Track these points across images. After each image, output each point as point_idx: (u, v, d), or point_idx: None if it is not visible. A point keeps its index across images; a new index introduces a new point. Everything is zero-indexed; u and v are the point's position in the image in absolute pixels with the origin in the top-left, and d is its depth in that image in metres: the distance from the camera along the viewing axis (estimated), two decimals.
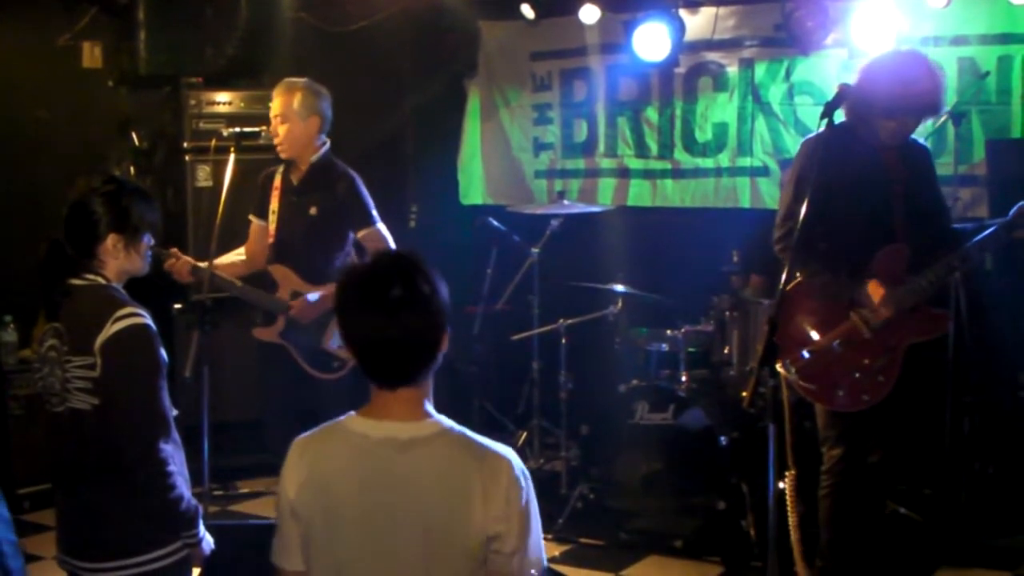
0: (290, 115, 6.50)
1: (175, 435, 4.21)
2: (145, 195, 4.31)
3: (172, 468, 4.08)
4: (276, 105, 6.55)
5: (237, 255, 6.77)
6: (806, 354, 5.48)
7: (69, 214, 4.18)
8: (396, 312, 2.96)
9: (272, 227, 6.64)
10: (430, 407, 3.12)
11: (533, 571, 3.03)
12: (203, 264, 6.25)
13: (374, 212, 6.57)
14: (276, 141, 6.54)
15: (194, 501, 4.20)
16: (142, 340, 4.07)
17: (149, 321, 4.11)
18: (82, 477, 4.15)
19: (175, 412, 4.23)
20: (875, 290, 5.46)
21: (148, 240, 4.29)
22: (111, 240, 4.15)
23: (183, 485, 4.15)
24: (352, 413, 3.13)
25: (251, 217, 6.78)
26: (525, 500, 3.01)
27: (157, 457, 4.03)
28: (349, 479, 3.04)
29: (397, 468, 3.01)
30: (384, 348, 3.01)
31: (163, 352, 4.15)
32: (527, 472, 3.06)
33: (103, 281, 4.16)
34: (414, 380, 3.07)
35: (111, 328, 4.01)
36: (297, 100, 6.51)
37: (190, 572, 4.29)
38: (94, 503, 4.12)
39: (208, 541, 4.26)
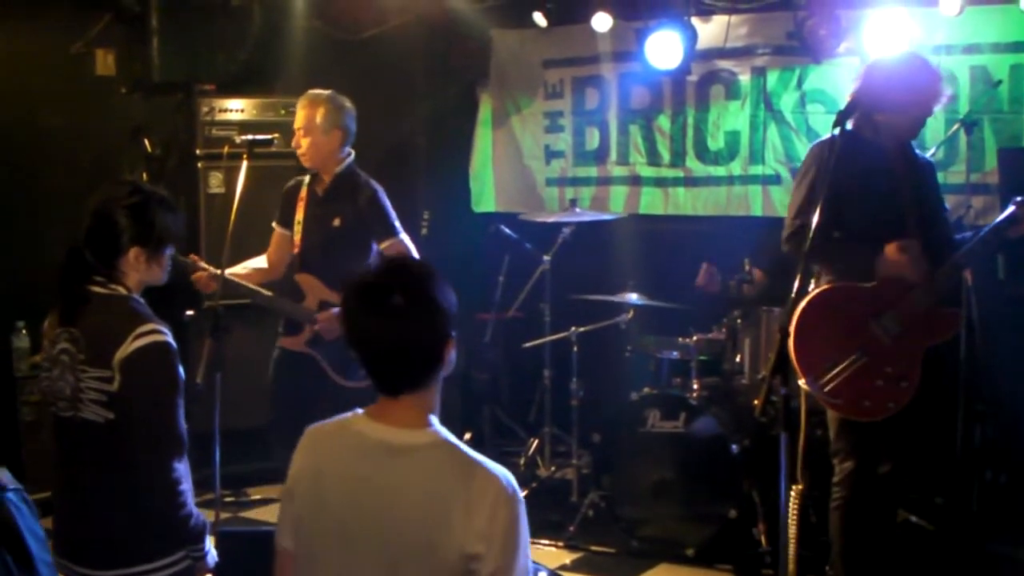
0: (313, 128, 6.51)
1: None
2: (170, 206, 4.27)
3: (184, 487, 4.07)
4: (299, 118, 6.56)
5: (257, 263, 6.78)
6: (830, 368, 5.49)
7: (92, 224, 4.14)
8: (395, 319, 2.99)
9: (297, 237, 6.66)
10: (433, 418, 3.12)
11: None
12: (218, 271, 6.25)
13: (396, 224, 6.57)
14: (299, 153, 6.56)
15: (202, 517, 4.17)
16: (163, 358, 4.04)
17: (170, 339, 4.08)
18: (90, 487, 4.13)
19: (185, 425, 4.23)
20: (895, 254, 5.47)
21: (170, 251, 4.26)
22: (133, 253, 4.12)
23: (193, 503, 4.14)
24: (359, 411, 3.18)
25: (274, 225, 6.81)
26: (512, 523, 2.96)
27: (170, 477, 4.01)
28: (339, 475, 3.09)
29: (384, 472, 3.03)
30: (384, 354, 3.06)
31: (181, 370, 4.12)
32: (520, 495, 3.02)
33: (124, 292, 4.13)
34: (414, 386, 3.09)
35: (132, 344, 3.97)
36: (320, 114, 6.52)
37: None
38: (100, 512, 4.11)
39: (213, 555, 4.23)
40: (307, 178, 6.70)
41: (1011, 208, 5.47)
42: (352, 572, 3.05)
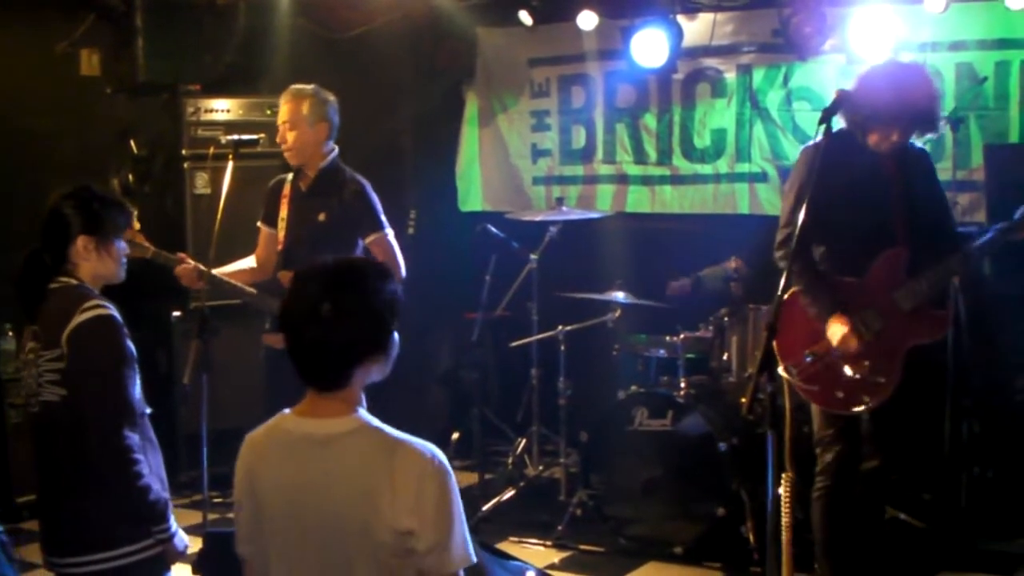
0: (299, 122, 6.48)
1: (150, 433, 4.32)
2: (116, 202, 4.45)
3: (138, 456, 4.15)
4: (284, 111, 6.52)
5: (247, 263, 6.76)
6: (808, 357, 5.48)
7: (44, 221, 4.32)
8: (322, 325, 3.06)
9: (281, 234, 6.62)
10: (359, 408, 3.17)
11: (457, 568, 3.04)
12: (203, 268, 6.24)
13: (383, 218, 6.55)
14: (284, 147, 6.51)
15: (164, 495, 4.27)
16: (106, 329, 4.16)
17: (114, 312, 4.20)
18: (53, 470, 4.24)
19: (149, 410, 4.34)
20: (835, 328, 5.48)
21: (121, 246, 4.39)
22: (81, 242, 4.26)
23: (152, 478, 4.21)
24: (287, 411, 3.24)
25: (260, 225, 6.77)
26: (441, 496, 3.01)
27: (123, 444, 4.10)
28: (271, 475, 3.17)
29: (312, 465, 3.09)
30: (308, 355, 3.13)
31: (130, 344, 4.23)
32: (448, 468, 3.06)
33: (75, 282, 4.26)
34: (336, 386, 3.14)
35: (77, 319, 4.11)
36: (306, 107, 6.49)
37: (166, 569, 4.35)
38: (65, 497, 4.20)
39: (181, 537, 4.33)
40: (290, 175, 6.67)
41: (1022, 210, 5.41)
42: (303, 566, 3.10)
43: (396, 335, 3.19)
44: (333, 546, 3.03)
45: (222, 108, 8.72)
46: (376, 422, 3.13)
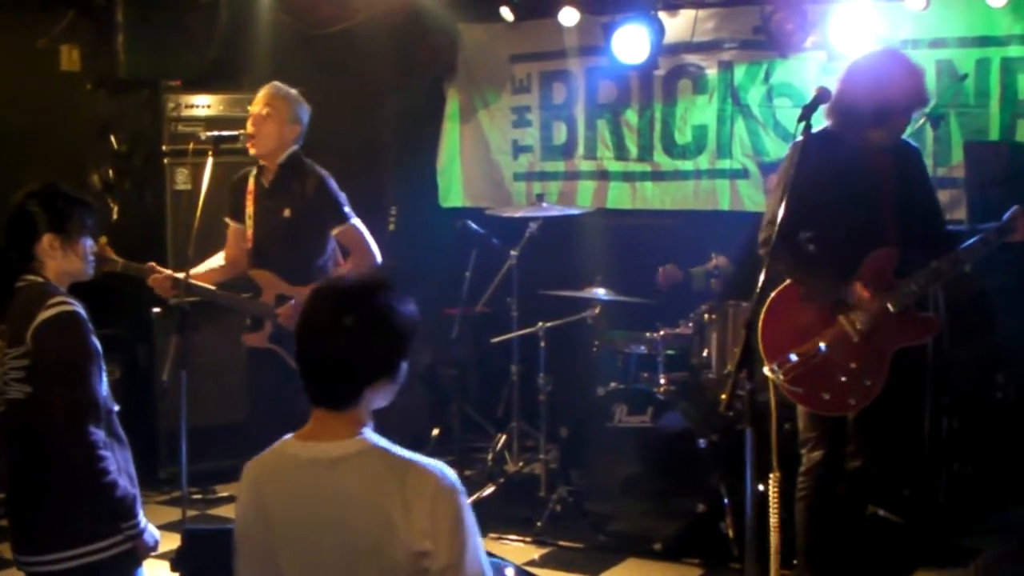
0: (280, 116, 6.46)
1: (118, 430, 4.34)
2: (82, 200, 4.45)
3: (104, 453, 4.16)
4: (265, 101, 6.49)
5: (216, 261, 6.75)
6: (793, 357, 5.46)
7: (9, 218, 4.34)
8: (342, 338, 3.00)
9: (249, 232, 6.61)
10: (365, 429, 3.10)
11: None
12: (180, 275, 6.26)
13: (347, 208, 6.54)
14: (251, 133, 6.47)
15: (132, 490, 4.28)
16: (70, 325, 4.17)
17: (79, 309, 4.22)
18: (20, 468, 4.27)
19: (116, 407, 4.35)
20: (861, 291, 5.44)
21: (88, 244, 4.40)
22: (47, 240, 4.28)
23: (119, 474, 4.22)
24: (289, 436, 3.16)
25: (227, 220, 6.76)
26: (454, 516, 2.97)
27: (88, 440, 4.11)
28: (283, 501, 3.08)
29: (322, 488, 3.02)
30: (323, 368, 3.06)
31: (95, 341, 4.24)
32: (459, 486, 3.02)
33: (41, 280, 4.27)
34: (346, 404, 3.07)
35: (41, 316, 4.13)
36: (290, 105, 6.50)
37: (137, 565, 4.36)
38: (32, 494, 4.23)
39: (151, 532, 4.35)
40: (254, 169, 6.66)
41: (1014, 208, 5.39)
42: None
43: (405, 363, 3.13)
44: (344, 566, 2.98)
45: (203, 104, 8.70)
46: (383, 442, 3.07)
